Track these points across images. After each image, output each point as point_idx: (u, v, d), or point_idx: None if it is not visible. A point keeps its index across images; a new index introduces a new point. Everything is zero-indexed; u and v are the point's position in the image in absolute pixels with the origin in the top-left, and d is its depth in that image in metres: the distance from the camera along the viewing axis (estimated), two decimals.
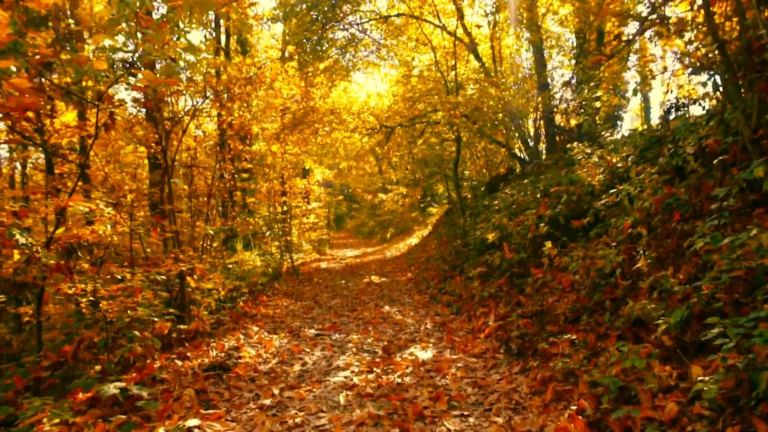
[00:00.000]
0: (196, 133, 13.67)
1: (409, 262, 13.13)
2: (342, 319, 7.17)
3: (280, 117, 16.09)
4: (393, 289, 9.77)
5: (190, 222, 12.69)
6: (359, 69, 17.40)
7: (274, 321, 7.07)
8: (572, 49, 14.79)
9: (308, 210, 18.78)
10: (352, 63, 16.72)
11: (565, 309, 4.69)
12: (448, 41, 15.03)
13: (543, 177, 8.15)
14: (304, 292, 9.76)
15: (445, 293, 8.16)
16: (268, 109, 15.93)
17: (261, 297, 8.64)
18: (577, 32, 13.74)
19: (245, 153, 14.52)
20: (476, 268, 7.57)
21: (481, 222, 8.04)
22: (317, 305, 8.42)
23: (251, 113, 13.72)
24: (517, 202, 7.64)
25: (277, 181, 16.23)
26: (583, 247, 5.19)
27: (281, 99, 15.45)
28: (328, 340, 6.00)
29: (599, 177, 5.85)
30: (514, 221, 6.74)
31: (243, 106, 13.29)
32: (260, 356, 5.33)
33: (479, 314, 6.09)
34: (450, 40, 14.90)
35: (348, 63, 16.85)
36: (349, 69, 17.19)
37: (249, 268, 9.18)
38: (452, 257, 9.40)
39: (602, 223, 5.44)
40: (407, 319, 6.89)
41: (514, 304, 5.70)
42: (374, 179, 28.36)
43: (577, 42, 14.18)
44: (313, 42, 14.12)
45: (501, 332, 5.22)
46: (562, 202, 5.84)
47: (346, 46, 15.38)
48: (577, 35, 13.91)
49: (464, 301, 7.01)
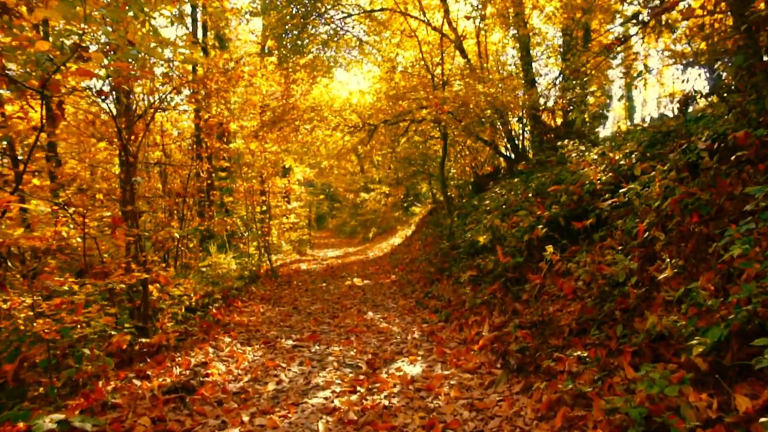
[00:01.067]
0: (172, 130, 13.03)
1: (393, 264, 12.61)
2: (322, 327, 6.61)
3: (259, 114, 15.47)
4: (376, 292, 9.23)
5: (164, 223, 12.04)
6: (341, 65, 16.84)
7: (248, 330, 6.48)
8: (558, 47, 14.45)
9: (288, 210, 18.14)
10: (334, 59, 16.15)
11: (570, 320, 4.20)
12: (433, 37, 14.56)
13: (535, 176, 7.68)
14: (283, 297, 9.16)
15: (432, 298, 7.64)
16: (246, 106, 15.31)
17: (236, 303, 8.03)
18: (564, 29, 13.40)
19: (223, 151, 13.89)
20: (466, 271, 7.07)
21: (470, 223, 7.55)
22: (296, 311, 7.84)
23: (229, 110, 13.09)
24: (509, 202, 7.16)
25: (256, 180, 15.58)
26: (588, 251, 4.71)
27: (260, 96, 14.84)
28: (307, 352, 5.43)
29: (601, 175, 5.39)
30: (507, 222, 6.25)
31: (221, 103, 12.70)
32: (231, 373, 4.75)
33: (471, 323, 5.58)
34: (435, 35, 14.43)
35: (329, 59, 16.28)
36: (330, 65, 16.61)
37: (223, 271, 8.56)
38: (439, 259, 8.90)
39: (607, 225, 4.97)
40: (393, 327, 6.35)
41: (510, 312, 5.21)
42: (356, 178, 27.77)
43: (564, 40, 13.86)
44: (293, 36, 13.51)
45: (497, 344, 4.71)
46: (562, 202, 5.37)
47: (327, 42, 14.80)
48: (564, 32, 13.57)
49: (454, 307, 6.50)
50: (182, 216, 12.07)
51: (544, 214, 5.47)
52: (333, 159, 18.98)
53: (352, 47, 16.19)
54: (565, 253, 5.13)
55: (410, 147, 17.40)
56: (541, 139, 14.12)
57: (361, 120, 14.21)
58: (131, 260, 5.48)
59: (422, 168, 17.23)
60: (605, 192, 5.28)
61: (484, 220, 6.53)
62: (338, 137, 15.57)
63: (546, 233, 5.20)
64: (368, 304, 8.08)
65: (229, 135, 13.46)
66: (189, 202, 12.57)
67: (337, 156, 17.19)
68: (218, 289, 7.81)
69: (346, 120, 14.15)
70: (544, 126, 14.06)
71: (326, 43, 14.68)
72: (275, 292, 9.73)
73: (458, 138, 12.52)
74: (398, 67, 14.95)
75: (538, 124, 13.98)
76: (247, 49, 15.26)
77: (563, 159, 8.47)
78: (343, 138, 15.22)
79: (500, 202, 7.26)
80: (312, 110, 13.73)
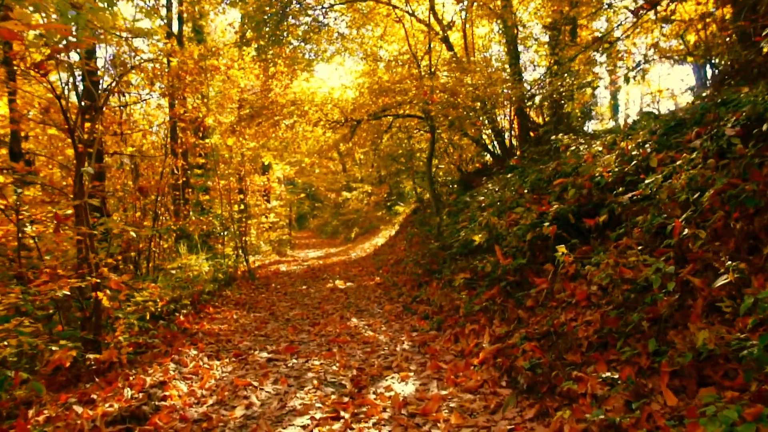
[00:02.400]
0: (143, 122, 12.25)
1: (377, 265, 11.95)
2: (301, 337, 5.92)
3: (237, 109, 14.72)
4: (360, 296, 8.56)
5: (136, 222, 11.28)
6: (321, 59, 16.13)
7: (218, 340, 5.76)
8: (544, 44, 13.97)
9: (268, 209, 17.37)
10: (315, 52, 15.43)
11: (589, 332, 3.58)
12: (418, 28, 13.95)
13: (531, 171, 7.10)
14: (259, 301, 8.44)
15: (420, 302, 7.01)
16: (224, 101, 14.55)
17: (207, 308, 7.29)
18: (552, 23, 12.94)
19: (199, 148, 13.13)
20: (458, 274, 6.44)
21: (462, 221, 6.92)
22: (273, 318, 7.13)
23: (205, 104, 12.33)
24: (504, 198, 6.55)
25: (233, 178, 14.80)
26: (603, 251, 4.11)
27: (237, 89, 14.08)
28: (283, 367, 4.74)
29: (612, 167, 4.80)
30: (505, 220, 5.63)
31: (197, 97, 11.95)
32: (193, 394, 4.04)
33: (468, 332, 4.94)
34: (420, 27, 13.83)
35: (310, 53, 15.55)
36: (311, 60, 15.89)
37: (194, 274, 7.81)
38: (427, 261, 8.26)
39: (621, 222, 4.38)
40: (379, 336, 5.69)
41: (514, 321, 4.58)
42: (338, 177, 27.04)
43: (551, 34, 13.40)
44: (272, 26, 12.75)
45: (501, 359, 4.09)
46: (570, 196, 4.76)
47: (308, 33, 14.06)
48: (552, 27, 13.12)
49: (446, 313, 5.87)
50: (156, 214, 11.33)
51: (549, 211, 4.86)
52: (314, 156, 18.24)
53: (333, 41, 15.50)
54: (575, 253, 4.53)
55: (394, 144, 16.78)
56: (527, 135, 13.68)
57: (344, 115, 13.52)
58: (82, 262, 4.74)
59: (406, 165, 16.62)
60: (618, 185, 4.69)
61: (479, 217, 5.91)
62: (319, 133, 14.86)
63: (552, 231, 4.59)
64: (352, 310, 7.41)
65: (205, 130, 12.68)
66: (162, 200, 11.82)
67: (319, 153, 16.46)
68: (187, 293, 7.07)
69: (328, 115, 13.44)
70: (532, 122, 13.61)
71: (307, 34, 13.95)
72: (251, 296, 9.00)
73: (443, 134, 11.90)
74: (382, 61, 14.27)
75: (525, 120, 13.53)
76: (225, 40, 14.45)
77: (557, 154, 7.93)
78: (325, 134, 14.51)
79: (494, 199, 6.65)
80: (292, 104, 12.99)
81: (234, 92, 13.88)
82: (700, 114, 4.94)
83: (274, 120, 13.40)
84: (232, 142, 13.98)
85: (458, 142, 14.85)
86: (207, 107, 12.61)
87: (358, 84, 14.77)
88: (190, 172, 13.44)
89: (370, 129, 15.15)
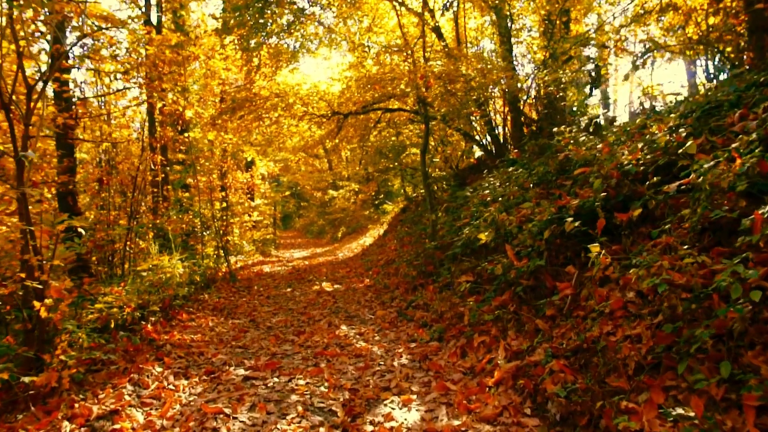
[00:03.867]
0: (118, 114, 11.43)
1: (366, 265, 11.21)
2: (284, 348, 5.17)
3: (218, 101, 13.90)
4: (349, 299, 7.82)
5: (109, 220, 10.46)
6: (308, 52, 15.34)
7: (189, 353, 4.98)
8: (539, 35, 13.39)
9: (252, 207, 16.52)
10: (300, 44, 14.64)
11: (637, 350, 2.90)
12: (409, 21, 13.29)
13: (538, 163, 6.45)
14: (239, 306, 7.66)
15: (416, 308, 6.30)
16: (204, 93, 13.72)
17: (180, 315, 6.50)
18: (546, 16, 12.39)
19: (179, 143, 12.30)
20: (459, 276, 5.75)
21: (464, 218, 6.22)
22: (253, 325, 6.37)
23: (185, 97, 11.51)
24: (509, 193, 5.87)
25: (216, 174, 13.96)
26: (641, 250, 3.43)
27: (218, 80, 13.26)
28: (262, 388, 3.99)
29: (642, 155, 4.13)
30: (515, 216, 4.95)
31: (176, 89, 11.14)
32: (150, 426, 3.27)
33: (478, 345, 4.24)
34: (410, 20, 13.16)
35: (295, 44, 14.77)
36: (295, 52, 15.10)
37: (167, 276, 7.00)
38: (421, 261, 7.55)
39: (656, 216, 3.72)
40: (373, 348, 4.96)
41: (533, 333, 3.89)
42: (324, 175, 26.22)
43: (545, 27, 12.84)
44: (255, 12, 11.94)
45: (523, 380, 3.39)
46: (595, 188, 4.08)
47: (293, 23, 13.27)
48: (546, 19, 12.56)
49: (448, 322, 5.16)
50: (131, 212, 10.54)
51: (570, 204, 4.18)
52: (300, 152, 17.43)
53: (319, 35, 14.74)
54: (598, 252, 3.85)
55: (382, 140, 16.08)
56: (521, 130, 13.14)
57: (330, 109, 12.77)
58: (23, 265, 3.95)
59: (395, 162, 15.91)
60: (650, 175, 4.03)
61: (485, 214, 5.21)
62: (304, 128, 14.08)
63: (577, 228, 3.90)
64: (340, 315, 6.68)
65: (184, 123, 11.84)
66: (139, 197, 11.03)
67: (304, 149, 15.67)
68: (157, 298, 6.27)
69: (314, 108, 12.67)
70: (526, 117, 13.06)
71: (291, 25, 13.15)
72: (231, 299, 8.21)
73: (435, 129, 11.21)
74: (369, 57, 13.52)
75: (519, 115, 12.98)
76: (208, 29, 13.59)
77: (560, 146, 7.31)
78: (311, 128, 13.72)
79: (498, 194, 5.96)
80: (276, 96, 12.20)
81: (215, 83, 13.06)
82: (735, 96, 4.32)
83: (258, 114, 12.61)
84: (212, 136, 13.16)
85: (448, 138, 14.21)
86: (186, 99, 11.80)
87: (345, 77, 14.03)
88: (169, 168, 12.61)
89: (358, 124, 14.43)
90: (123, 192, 10.77)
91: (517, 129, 13.01)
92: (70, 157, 9.04)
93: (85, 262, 8.83)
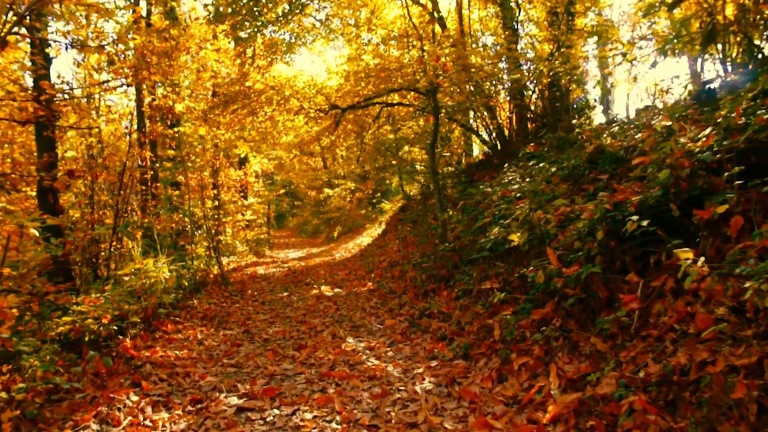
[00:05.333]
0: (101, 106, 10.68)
1: (367, 267, 10.45)
2: (284, 367, 4.40)
3: (210, 96, 13.08)
4: (352, 306, 7.07)
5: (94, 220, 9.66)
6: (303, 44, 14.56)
7: (172, 374, 4.19)
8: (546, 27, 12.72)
9: (245, 205, 15.69)
10: (297, 35, 13.86)
11: (753, 389, 2.18)
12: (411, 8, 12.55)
13: (565, 156, 5.75)
14: (232, 313, 6.88)
15: (431, 316, 5.55)
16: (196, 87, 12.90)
17: (165, 325, 5.71)
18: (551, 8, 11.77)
19: (169, 139, 11.51)
20: (483, 282, 5.01)
21: (486, 216, 5.48)
22: (247, 337, 5.60)
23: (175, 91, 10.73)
24: (539, 188, 5.14)
25: (207, 172, 13.13)
26: (735, 256, 2.71)
27: (210, 72, 12.44)
28: (260, 423, 3.23)
29: (715, 142, 3.41)
30: (552, 214, 4.21)
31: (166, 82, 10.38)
32: None
33: (519, 368, 3.50)
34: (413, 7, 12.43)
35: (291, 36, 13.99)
36: (292, 44, 14.31)
37: (151, 281, 6.21)
38: (431, 265, 6.81)
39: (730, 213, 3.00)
40: (388, 367, 4.21)
41: (594, 356, 3.16)
42: (319, 173, 25.39)
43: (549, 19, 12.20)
44: None
45: (592, 419, 2.65)
46: (662, 180, 3.36)
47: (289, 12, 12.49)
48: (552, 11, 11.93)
49: (474, 336, 4.41)
50: (117, 211, 9.75)
51: (631, 199, 3.45)
52: (295, 149, 16.60)
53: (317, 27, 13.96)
54: (671, 258, 3.13)
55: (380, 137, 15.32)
56: (526, 126, 12.54)
57: (328, 102, 11.98)
58: None
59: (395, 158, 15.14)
60: (726, 164, 3.31)
61: (516, 211, 4.47)
62: (300, 123, 13.27)
63: (642, 228, 3.17)
64: (345, 325, 5.92)
65: (174, 117, 11.04)
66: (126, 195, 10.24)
67: (299, 145, 14.85)
68: (139, 307, 5.47)
69: (311, 102, 11.88)
70: (532, 112, 12.43)
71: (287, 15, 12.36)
72: (223, 306, 7.42)
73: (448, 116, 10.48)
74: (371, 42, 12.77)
75: (524, 110, 12.37)
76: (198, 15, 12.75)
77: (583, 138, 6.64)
78: (308, 123, 12.92)
79: (527, 189, 5.21)
80: (271, 89, 11.39)
81: (207, 75, 12.24)
82: None
83: (252, 108, 11.81)
84: (204, 131, 12.34)
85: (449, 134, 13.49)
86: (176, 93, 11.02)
87: (344, 71, 13.25)
88: (158, 164, 11.80)
89: (356, 120, 13.67)
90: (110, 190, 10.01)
91: (522, 124, 12.39)
92: (51, 152, 8.26)
93: (65, 264, 7.99)
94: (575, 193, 5.07)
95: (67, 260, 7.90)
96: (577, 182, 5.39)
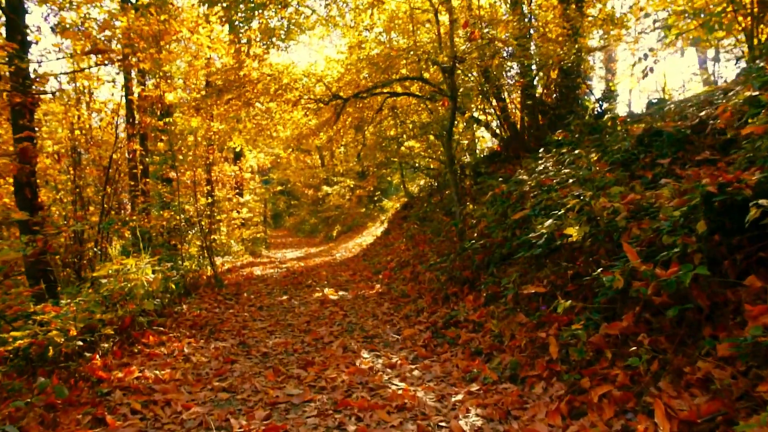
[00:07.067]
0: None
1: (372, 268, 9.58)
2: (288, 392, 3.52)
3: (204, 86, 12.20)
4: (361, 311, 6.20)
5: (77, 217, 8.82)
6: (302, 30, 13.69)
7: (149, 404, 3.30)
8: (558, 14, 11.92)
9: (240, 203, 14.77)
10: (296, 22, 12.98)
11: None
12: None
13: (610, 140, 4.92)
14: (225, 320, 5.99)
15: (457, 325, 4.70)
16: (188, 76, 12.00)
17: (146, 336, 4.82)
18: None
19: (160, 131, 10.62)
20: (521, 286, 4.16)
21: (523, 209, 4.62)
22: (243, 350, 4.72)
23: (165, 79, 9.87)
24: (584, 176, 4.30)
25: (201, 167, 12.22)
26: None
27: (203, 61, 11.54)
28: None
29: None
30: (619, 202, 3.36)
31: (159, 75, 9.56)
32: None
33: (598, 399, 2.65)
34: None
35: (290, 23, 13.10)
36: (290, 30, 13.43)
37: (131, 284, 5.32)
38: (449, 265, 5.97)
39: None
40: (418, 392, 3.34)
41: (700, 382, 2.31)
42: (316, 171, 24.48)
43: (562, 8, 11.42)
44: None
45: None
46: None
47: None
48: None
49: (522, 353, 3.56)
50: (103, 208, 8.93)
51: (745, 179, 2.60)
52: (292, 143, 15.69)
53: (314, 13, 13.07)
54: None
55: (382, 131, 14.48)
56: (536, 118, 11.77)
57: (329, 92, 11.10)
58: None
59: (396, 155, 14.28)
60: None
61: (570, 201, 3.62)
62: (299, 115, 12.37)
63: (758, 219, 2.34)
64: (356, 335, 5.05)
65: (163, 106, 10.15)
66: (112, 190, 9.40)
67: (298, 139, 13.95)
68: (114, 316, 4.58)
69: (310, 91, 10.99)
70: (541, 103, 11.66)
71: None
72: (215, 311, 6.53)
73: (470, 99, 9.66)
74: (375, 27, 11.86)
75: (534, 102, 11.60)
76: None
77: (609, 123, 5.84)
78: (306, 115, 12.02)
79: (581, 176, 4.36)
80: (269, 76, 10.50)
81: (200, 64, 11.34)
82: None
83: (247, 98, 10.93)
84: (196, 123, 11.43)
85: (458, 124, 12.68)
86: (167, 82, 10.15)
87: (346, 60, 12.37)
88: (148, 158, 10.91)
89: (357, 113, 12.81)
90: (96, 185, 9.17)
91: (533, 116, 11.63)
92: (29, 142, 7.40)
93: (42, 265, 7.06)
94: (629, 181, 4.25)
95: (41, 260, 6.98)
96: (628, 168, 4.56)
